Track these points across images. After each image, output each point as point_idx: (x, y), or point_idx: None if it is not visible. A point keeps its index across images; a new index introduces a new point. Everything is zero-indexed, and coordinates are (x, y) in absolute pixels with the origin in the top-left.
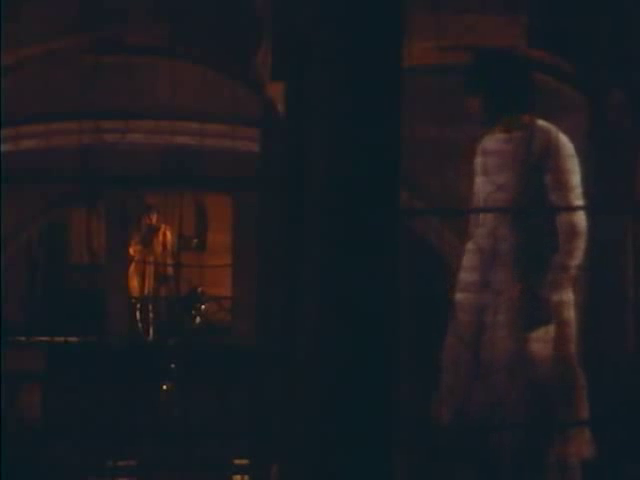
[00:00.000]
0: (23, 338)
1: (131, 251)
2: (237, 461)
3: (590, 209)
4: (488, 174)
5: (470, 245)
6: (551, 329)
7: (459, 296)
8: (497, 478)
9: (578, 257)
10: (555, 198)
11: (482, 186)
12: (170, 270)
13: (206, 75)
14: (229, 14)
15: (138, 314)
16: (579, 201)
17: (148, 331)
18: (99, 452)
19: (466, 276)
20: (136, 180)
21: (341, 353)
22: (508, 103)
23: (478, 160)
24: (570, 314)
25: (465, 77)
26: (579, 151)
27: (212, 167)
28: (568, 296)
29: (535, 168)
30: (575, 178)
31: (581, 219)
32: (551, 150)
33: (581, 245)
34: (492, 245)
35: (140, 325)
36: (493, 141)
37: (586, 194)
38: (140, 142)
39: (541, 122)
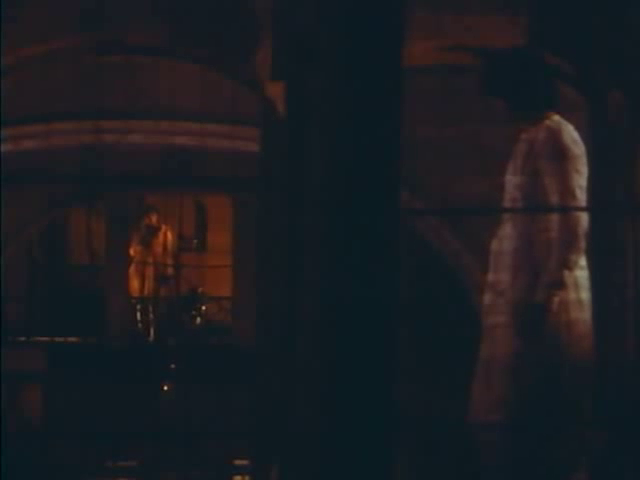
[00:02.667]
0: (23, 338)
1: (131, 251)
2: (237, 461)
3: (590, 209)
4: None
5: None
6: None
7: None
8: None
9: (579, 258)
10: (558, 199)
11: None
12: (170, 270)
13: (206, 75)
14: (229, 14)
15: (138, 314)
16: (582, 202)
17: (148, 331)
18: (99, 452)
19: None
20: (136, 180)
21: (341, 353)
22: (529, 102)
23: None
24: (575, 315)
25: (484, 78)
26: None
27: (212, 167)
28: (571, 296)
29: (539, 168)
30: (579, 179)
31: (584, 220)
32: (556, 150)
33: (582, 246)
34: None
35: (140, 325)
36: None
37: (586, 194)
38: (140, 142)
39: (555, 121)
